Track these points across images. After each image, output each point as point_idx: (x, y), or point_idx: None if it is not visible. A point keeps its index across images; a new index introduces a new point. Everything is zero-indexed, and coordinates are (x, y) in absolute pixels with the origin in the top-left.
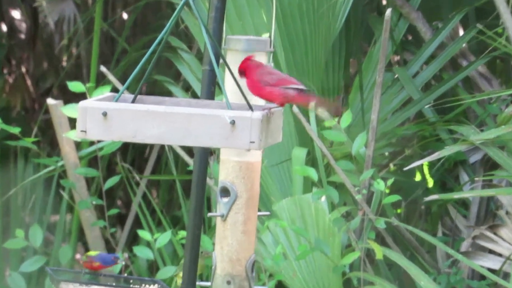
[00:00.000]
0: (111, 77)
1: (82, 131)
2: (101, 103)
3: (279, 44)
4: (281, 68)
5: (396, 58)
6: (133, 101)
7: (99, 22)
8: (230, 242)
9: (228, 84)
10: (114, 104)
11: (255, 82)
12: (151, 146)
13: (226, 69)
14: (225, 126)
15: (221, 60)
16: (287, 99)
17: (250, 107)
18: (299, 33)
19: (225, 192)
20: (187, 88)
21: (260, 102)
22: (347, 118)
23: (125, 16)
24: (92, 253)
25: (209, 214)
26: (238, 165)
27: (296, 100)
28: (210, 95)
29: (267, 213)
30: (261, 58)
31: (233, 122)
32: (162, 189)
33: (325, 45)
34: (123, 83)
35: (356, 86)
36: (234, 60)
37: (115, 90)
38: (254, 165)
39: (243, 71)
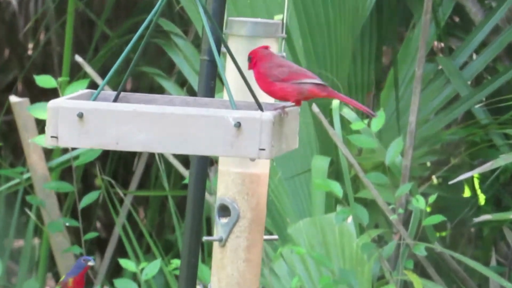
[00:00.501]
0: (88, 69)
1: (52, 136)
2: (76, 102)
3: (295, 29)
4: (298, 59)
5: (440, 45)
6: (116, 100)
7: (73, 1)
8: (230, 273)
9: (232, 77)
10: (92, 104)
11: (263, 77)
12: (138, 155)
13: (229, 59)
14: (229, 130)
15: (223, 48)
16: (302, 96)
17: (260, 106)
18: (321, 15)
19: (224, 211)
20: (182, 83)
21: (271, 99)
22: (379, 119)
23: None
24: (62, 278)
25: (205, 238)
26: (240, 178)
27: (313, 96)
28: (210, 92)
29: (275, 237)
30: (271, 45)
31: (238, 125)
32: (151, 208)
33: (353, 30)
34: (103, 77)
35: (390, 80)
36: (238, 47)
37: (93, 85)
38: (260, 178)
39: (251, 58)
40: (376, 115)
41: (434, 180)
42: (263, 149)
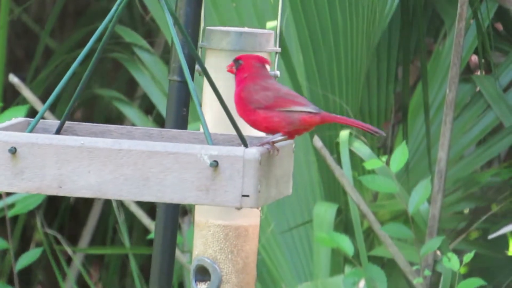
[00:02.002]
0: (26, 92)
1: None
2: (8, 134)
3: (294, 41)
4: (297, 80)
5: (479, 61)
6: (59, 131)
7: (7, 6)
8: None
9: (209, 103)
10: (27, 136)
11: (243, 103)
12: (90, 201)
13: (205, 80)
14: (203, 171)
15: (197, 66)
16: (293, 127)
17: (243, 141)
18: (327, 24)
19: (202, 274)
20: (148, 109)
21: (259, 132)
22: (401, 156)
23: None
24: None
25: None
26: (223, 232)
27: (306, 127)
28: (181, 121)
29: None
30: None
31: (215, 165)
32: (107, 270)
33: (368, 43)
34: (44, 101)
35: (415, 106)
36: (217, 64)
37: (33, 112)
38: (248, 232)
39: (240, 66)
40: (383, 133)
41: (471, 234)
42: (247, 196)
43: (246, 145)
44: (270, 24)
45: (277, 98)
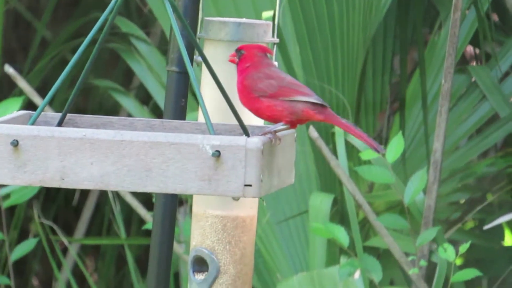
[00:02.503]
0: (23, 83)
1: None
2: (10, 127)
3: (291, 32)
4: (293, 70)
5: (474, 51)
6: (60, 123)
7: None
8: None
9: (209, 93)
10: (29, 129)
11: (247, 90)
12: (85, 193)
13: (205, 70)
14: (206, 162)
15: (195, 57)
16: (295, 117)
17: (245, 130)
18: (323, 15)
19: (200, 264)
20: (145, 99)
21: (261, 121)
22: (397, 146)
23: None
24: None
25: None
26: (221, 223)
27: (308, 119)
28: (180, 112)
29: None
30: None
31: (217, 155)
32: (103, 260)
33: (364, 34)
34: (43, 94)
35: (411, 95)
36: (216, 55)
37: (30, 105)
38: (246, 222)
39: (242, 56)
40: (383, 150)
41: (467, 224)
42: (249, 185)
43: (248, 135)
44: (265, 14)
45: (281, 87)
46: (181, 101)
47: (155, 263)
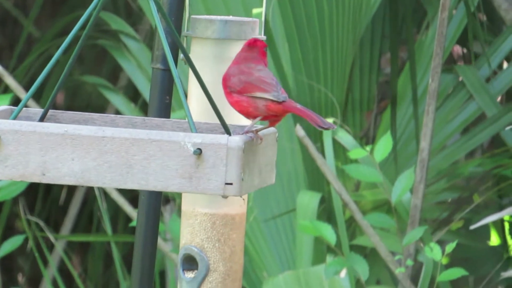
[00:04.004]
0: (9, 79)
1: None
2: None
3: (280, 30)
4: (282, 68)
5: (461, 50)
6: (42, 119)
7: None
8: None
9: (194, 92)
10: (11, 123)
11: (223, 83)
12: (72, 189)
13: (190, 69)
14: (187, 159)
15: (181, 55)
16: (260, 113)
17: (226, 129)
18: (313, 13)
19: (190, 263)
20: (133, 96)
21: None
22: (385, 145)
23: None
24: None
25: None
26: (210, 221)
27: (274, 115)
28: (164, 110)
29: None
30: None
31: (198, 152)
32: (90, 257)
33: (354, 33)
34: (28, 89)
35: (399, 94)
36: (202, 53)
37: (17, 101)
38: (235, 220)
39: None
40: (334, 126)
41: (453, 224)
42: (230, 184)
43: (229, 133)
44: (255, 11)
45: (246, 83)
46: (166, 99)
47: (139, 260)
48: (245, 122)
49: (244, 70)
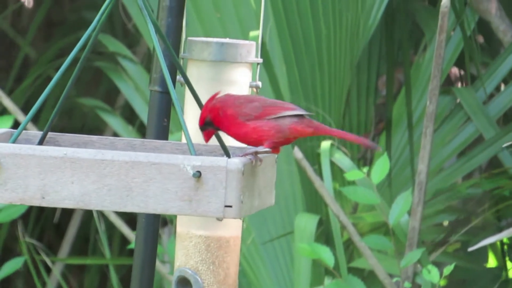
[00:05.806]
0: (7, 102)
1: None
2: None
3: (277, 52)
4: (280, 91)
5: (459, 72)
6: (41, 142)
7: None
8: None
9: (192, 114)
10: (10, 147)
11: (231, 117)
12: (70, 211)
13: (187, 91)
14: (186, 181)
15: (178, 77)
16: (283, 136)
17: (226, 152)
18: (310, 36)
19: (184, 285)
20: (129, 117)
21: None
22: (382, 167)
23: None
24: None
25: None
26: (204, 243)
27: (296, 135)
28: (162, 132)
29: None
30: (243, 72)
31: (198, 175)
32: (87, 279)
33: (351, 55)
34: (27, 112)
35: (396, 116)
36: (199, 75)
37: (16, 124)
38: (230, 243)
39: (209, 119)
40: (379, 148)
41: (450, 246)
42: (230, 206)
43: (228, 156)
44: (252, 33)
45: (265, 107)
46: (164, 121)
47: (137, 282)
48: (238, 144)
49: (252, 98)
